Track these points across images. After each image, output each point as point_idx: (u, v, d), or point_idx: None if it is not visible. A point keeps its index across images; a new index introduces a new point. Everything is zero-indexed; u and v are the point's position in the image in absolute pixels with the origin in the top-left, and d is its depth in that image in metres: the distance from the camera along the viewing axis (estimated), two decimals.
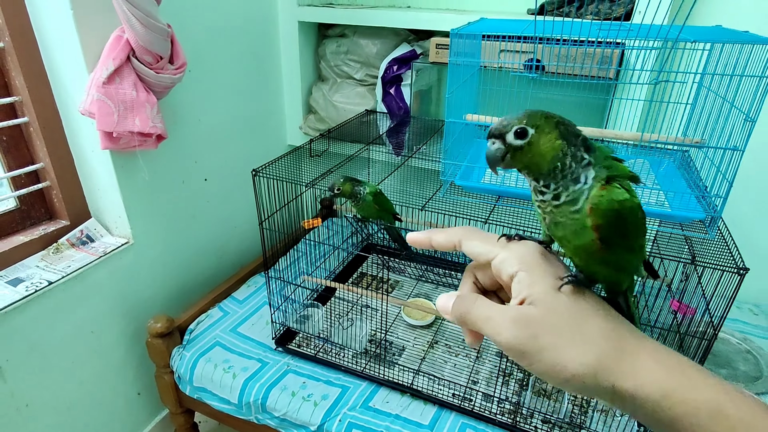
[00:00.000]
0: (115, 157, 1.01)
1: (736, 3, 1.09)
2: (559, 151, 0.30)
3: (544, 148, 0.30)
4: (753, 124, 0.60)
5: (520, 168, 0.32)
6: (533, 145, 0.30)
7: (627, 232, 0.31)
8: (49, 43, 0.93)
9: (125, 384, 1.18)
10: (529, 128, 0.30)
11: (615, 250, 0.31)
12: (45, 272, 0.98)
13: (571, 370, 0.28)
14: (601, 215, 0.30)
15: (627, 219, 0.30)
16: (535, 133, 0.30)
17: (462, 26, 0.80)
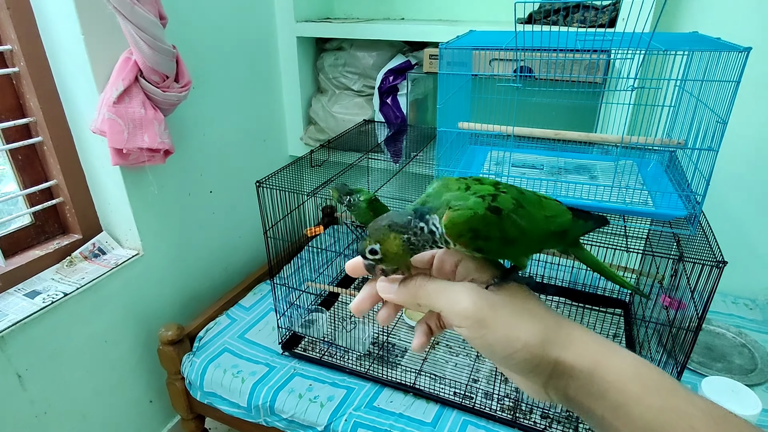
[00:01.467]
0: (125, 173, 1.06)
1: (711, 10, 1.13)
2: (402, 243, 0.34)
3: (394, 250, 0.34)
4: (725, 125, 0.64)
5: (395, 268, 0.35)
6: (387, 255, 0.34)
7: (490, 236, 0.34)
8: (61, 66, 0.98)
9: (138, 391, 1.22)
10: (375, 246, 0.34)
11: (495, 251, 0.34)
12: (60, 284, 1.02)
13: (523, 339, 0.31)
14: (455, 236, 0.33)
15: (479, 229, 0.33)
16: (383, 246, 0.34)
17: (450, 40, 0.84)
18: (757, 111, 1.18)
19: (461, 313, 0.31)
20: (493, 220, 0.33)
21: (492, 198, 0.34)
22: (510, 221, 0.34)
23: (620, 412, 0.29)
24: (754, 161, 1.23)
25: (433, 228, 0.34)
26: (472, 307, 0.31)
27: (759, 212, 1.27)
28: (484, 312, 0.31)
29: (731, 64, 0.63)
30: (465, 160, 1.01)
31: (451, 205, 0.34)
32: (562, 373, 0.31)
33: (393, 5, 1.50)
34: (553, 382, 0.31)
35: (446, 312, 0.32)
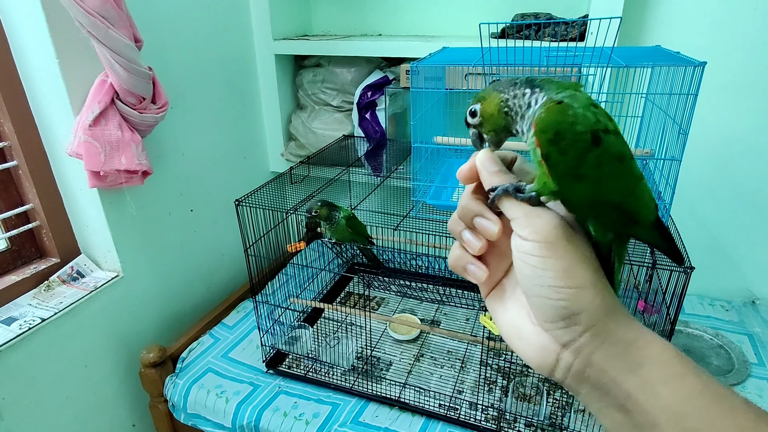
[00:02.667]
0: (102, 195, 1.05)
1: (674, 24, 1.17)
2: (500, 104, 0.33)
3: (490, 110, 0.33)
4: (686, 136, 0.66)
5: (496, 136, 0.34)
6: (485, 115, 0.34)
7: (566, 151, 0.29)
8: (35, 89, 0.98)
9: (120, 416, 1.20)
10: (476, 105, 0.34)
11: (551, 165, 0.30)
12: (38, 310, 1.01)
13: (581, 281, 0.29)
14: (540, 131, 0.30)
15: (565, 136, 0.29)
16: (481, 105, 0.34)
17: (422, 58, 0.86)
18: (722, 119, 1.22)
19: (537, 228, 0.30)
20: (584, 141, 0.29)
21: (604, 131, 0.29)
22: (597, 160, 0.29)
23: (652, 389, 0.27)
24: (722, 168, 1.27)
25: (532, 102, 0.32)
26: (551, 227, 0.30)
27: (729, 218, 1.31)
28: (559, 236, 0.29)
29: (689, 78, 0.66)
30: (443, 173, 1.03)
31: (564, 100, 0.30)
32: (599, 334, 0.29)
33: (370, 22, 1.53)
34: (583, 341, 0.29)
35: (522, 220, 0.30)
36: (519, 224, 0.31)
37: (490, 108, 0.34)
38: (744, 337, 1.23)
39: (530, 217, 0.30)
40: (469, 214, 0.33)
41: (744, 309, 1.33)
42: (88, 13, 0.81)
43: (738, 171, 1.26)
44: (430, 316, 1.32)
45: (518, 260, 0.31)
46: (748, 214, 1.29)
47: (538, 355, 0.31)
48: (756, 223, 1.29)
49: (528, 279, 0.30)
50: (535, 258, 0.30)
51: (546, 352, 0.31)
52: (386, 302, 1.39)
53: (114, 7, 0.84)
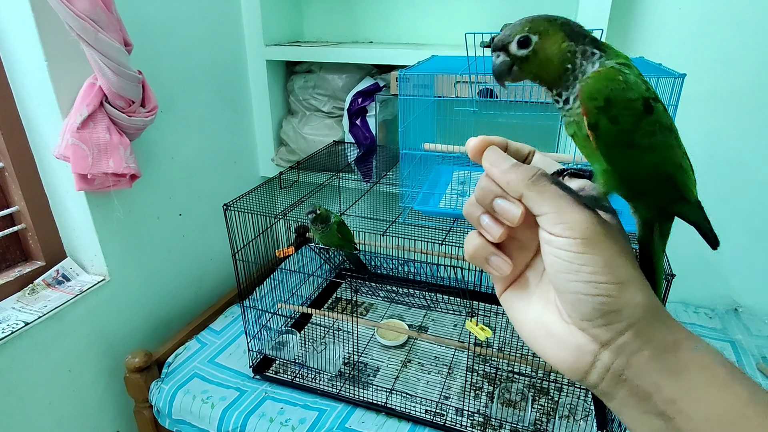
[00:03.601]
0: (90, 198, 1.05)
1: (657, 37, 1.20)
2: (567, 53, 0.28)
3: (550, 53, 0.28)
4: None
5: (530, 78, 0.30)
6: (539, 52, 0.29)
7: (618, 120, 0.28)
8: (23, 91, 0.97)
9: (104, 421, 1.19)
10: (532, 35, 0.28)
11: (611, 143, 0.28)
12: (21, 313, 1.00)
13: (622, 275, 0.27)
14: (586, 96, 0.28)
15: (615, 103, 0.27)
16: (539, 39, 0.28)
17: (410, 67, 0.88)
18: (704, 129, 1.25)
19: (572, 224, 0.27)
20: (637, 108, 0.27)
21: (654, 99, 0.28)
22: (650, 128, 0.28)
23: (699, 394, 0.25)
24: (704, 177, 1.29)
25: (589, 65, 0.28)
26: (587, 223, 0.27)
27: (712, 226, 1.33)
28: (597, 231, 0.27)
29: (669, 89, 0.67)
30: (431, 179, 1.03)
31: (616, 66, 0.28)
32: (642, 333, 0.27)
33: (362, 29, 1.54)
34: (625, 339, 0.27)
35: (551, 216, 0.28)
36: (549, 220, 0.28)
37: (553, 50, 0.28)
38: (726, 344, 1.24)
39: (562, 213, 0.28)
40: (490, 195, 0.30)
41: (727, 316, 1.35)
42: (77, 16, 0.81)
43: (720, 180, 1.28)
44: (418, 322, 1.32)
45: (550, 255, 0.28)
46: (730, 223, 1.31)
47: (570, 355, 0.28)
48: (739, 232, 1.32)
49: (562, 275, 0.28)
50: (571, 254, 0.27)
51: (581, 353, 0.28)
52: (374, 308, 1.39)
53: (104, 10, 0.84)
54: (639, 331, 0.27)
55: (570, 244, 0.27)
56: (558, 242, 0.28)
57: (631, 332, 0.27)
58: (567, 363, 0.29)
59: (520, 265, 0.32)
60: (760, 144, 1.22)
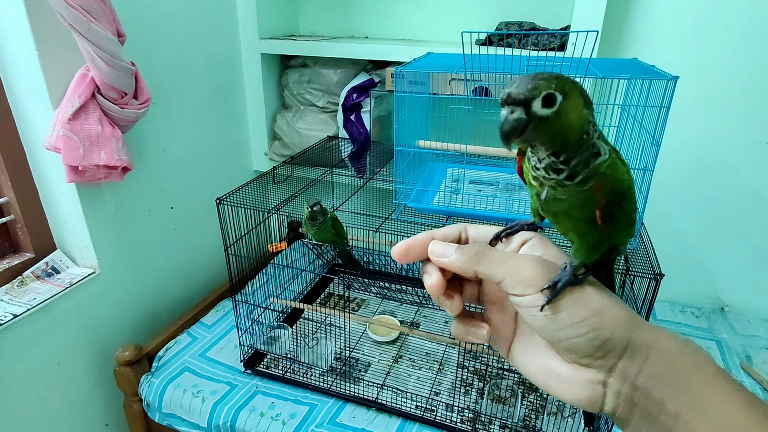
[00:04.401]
0: (81, 190, 1.04)
1: (651, 38, 1.21)
2: (586, 120, 0.27)
3: (573, 117, 0.27)
4: (658, 147, 0.69)
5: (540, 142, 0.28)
6: (561, 115, 0.27)
7: (624, 208, 0.30)
8: (13, 81, 0.96)
9: (93, 415, 1.18)
10: (558, 93, 0.26)
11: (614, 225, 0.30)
12: (9, 305, 0.99)
13: (596, 306, 0.28)
14: (606, 193, 0.29)
15: (625, 195, 0.30)
16: (564, 100, 0.26)
17: (405, 64, 0.87)
18: (695, 131, 1.26)
19: (526, 281, 0.28)
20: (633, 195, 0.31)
21: None
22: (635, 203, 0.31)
23: (702, 408, 0.25)
24: (694, 179, 1.31)
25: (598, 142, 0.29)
26: (538, 274, 0.28)
27: (700, 227, 1.35)
28: (549, 277, 0.28)
29: (662, 91, 0.68)
30: (425, 176, 1.04)
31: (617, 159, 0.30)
32: (638, 351, 0.27)
33: (357, 24, 1.54)
34: (624, 365, 0.27)
35: (508, 280, 0.29)
36: (508, 284, 0.29)
37: (575, 115, 0.27)
38: (712, 342, 1.27)
39: (515, 274, 0.29)
40: None
41: (713, 316, 1.37)
42: (70, 5, 0.80)
43: (709, 182, 1.30)
44: (410, 318, 1.33)
45: (527, 315, 0.29)
46: (718, 223, 1.33)
47: (584, 390, 0.29)
48: (726, 233, 1.34)
49: (545, 328, 0.29)
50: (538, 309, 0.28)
51: (592, 386, 0.28)
52: (366, 303, 1.40)
53: (97, 0, 0.83)
54: (634, 350, 0.27)
55: (536, 299, 0.28)
56: (526, 301, 0.29)
57: (627, 354, 0.27)
58: (583, 399, 0.29)
59: (510, 324, 0.34)
60: (749, 146, 1.24)
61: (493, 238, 0.34)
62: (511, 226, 0.34)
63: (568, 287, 0.28)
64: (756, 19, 1.13)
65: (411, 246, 0.32)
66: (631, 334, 0.27)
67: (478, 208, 0.87)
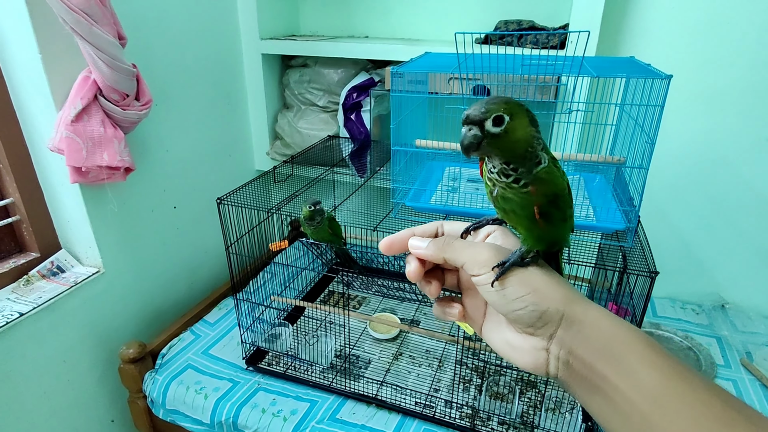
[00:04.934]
0: (84, 190, 1.05)
1: (649, 37, 1.21)
2: (531, 137, 0.33)
3: (519, 134, 0.33)
4: (653, 146, 0.69)
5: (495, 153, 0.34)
6: (509, 132, 0.33)
7: (559, 207, 0.36)
8: (17, 84, 0.98)
9: (98, 411, 1.20)
10: (506, 115, 0.32)
11: (551, 221, 0.36)
12: (16, 304, 1.00)
13: (536, 284, 0.34)
14: (543, 194, 0.35)
15: (559, 195, 0.35)
16: (511, 120, 0.32)
17: (402, 64, 0.88)
18: (694, 129, 1.26)
19: (481, 263, 0.34)
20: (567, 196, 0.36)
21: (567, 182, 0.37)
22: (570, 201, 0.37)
23: (625, 369, 0.30)
24: (693, 177, 1.31)
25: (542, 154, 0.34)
26: (492, 256, 0.35)
27: (701, 224, 1.36)
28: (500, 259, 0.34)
29: (656, 90, 0.68)
30: (423, 175, 1.04)
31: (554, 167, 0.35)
32: (572, 323, 0.32)
33: (358, 23, 1.54)
34: (561, 334, 0.33)
35: (468, 263, 0.35)
36: (469, 267, 0.35)
37: (521, 132, 0.33)
38: (712, 339, 1.27)
39: (474, 258, 0.35)
40: None
41: (714, 312, 1.37)
42: (71, 9, 0.81)
43: (710, 179, 1.30)
44: (410, 316, 1.34)
45: (484, 292, 0.35)
46: (719, 221, 1.33)
47: (530, 355, 0.34)
48: (726, 230, 1.34)
49: (498, 303, 0.35)
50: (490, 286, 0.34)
51: (536, 352, 0.34)
52: (367, 301, 1.41)
53: (98, 4, 0.85)
54: (569, 322, 0.33)
55: (489, 277, 0.34)
56: (482, 279, 0.35)
57: (563, 324, 0.33)
58: (531, 363, 0.35)
59: (481, 307, 0.40)
60: (748, 143, 1.23)
61: (464, 232, 0.40)
62: (478, 221, 0.40)
63: (515, 268, 0.34)
64: (756, 16, 1.12)
65: (393, 241, 0.39)
66: (565, 308, 0.33)
67: (476, 207, 0.87)
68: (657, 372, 0.30)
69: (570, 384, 0.33)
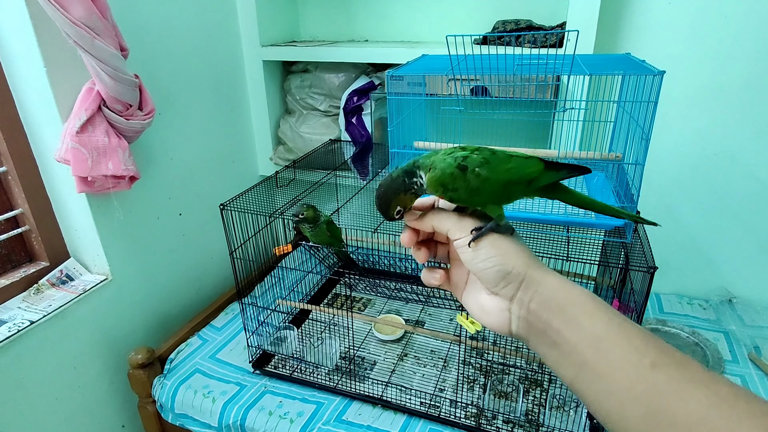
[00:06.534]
0: (90, 199, 1.07)
1: (647, 33, 1.21)
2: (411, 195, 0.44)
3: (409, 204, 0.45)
4: (647, 142, 0.69)
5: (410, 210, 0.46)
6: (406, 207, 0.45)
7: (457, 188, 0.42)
8: (24, 97, 1.00)
9: (109, 417, 1.22)
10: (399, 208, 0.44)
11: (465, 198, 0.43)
12: (27, 312, 1.03)
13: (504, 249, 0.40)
14: (433, 190, 0.43)
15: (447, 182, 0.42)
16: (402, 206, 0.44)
17: (398, 68, 0.89)
18: (696, 123, 1.26)
19: (462, 228, 0.42)
20: (458, 176, 0.42)
21: (463, 159, 0.43)
22: (474, 174, 0.43)
23: (574, 324, 0.36)
24: (698, 171, 1.30)
25: (420, 181, 0.44)
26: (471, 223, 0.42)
27: (706, 218, 1.35)
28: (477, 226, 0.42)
29: (649, 86, 0.69)
30: None
31: (432, 165, 0.43)
32: (530, 284, 0.39)
33: (357, 27, 1.56)
34: (521, 294, 0.39)
35: (452, 229, 0.42)
36: (453, 232, 0.42)
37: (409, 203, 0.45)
38: (720, 334, 1.26)
39: (457, 224, 0.43)
40: None
41: (721, 307, 1.36)
42: (74, 23, 0.83)
43: (713, 174, 1.29)
44: (415, 317, 1.35)
45: (462, 253, 0.42)
46: (724, 214, 1.33)
47: (497, 315, 0.41)
48: (732, 224, 1.33)
49: (471, 261, 0.41)
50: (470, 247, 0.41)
51: (501, 312, 0.41)
52: (372, 303, 1.42)
53: (99, 17, 0.87)
54: (528, 283, 0.39)
55: (467, 239, 0.41)
56: (461, 242, 0.42)
57: (523, 286, 0.39)
58: (497, 322, 0.41)
59: (463, 276, 0.46)
60: (751, 136, 1.23)
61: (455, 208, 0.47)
62: None
63: (490, 233, 0.41)
64: (754, 9, 1.12)
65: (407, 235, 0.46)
66: (527, 270, 0.39)
67: None
68: (599, 324, 0.36)
69: (530, 339, 0.39)
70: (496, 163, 0.44)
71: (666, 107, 1.25)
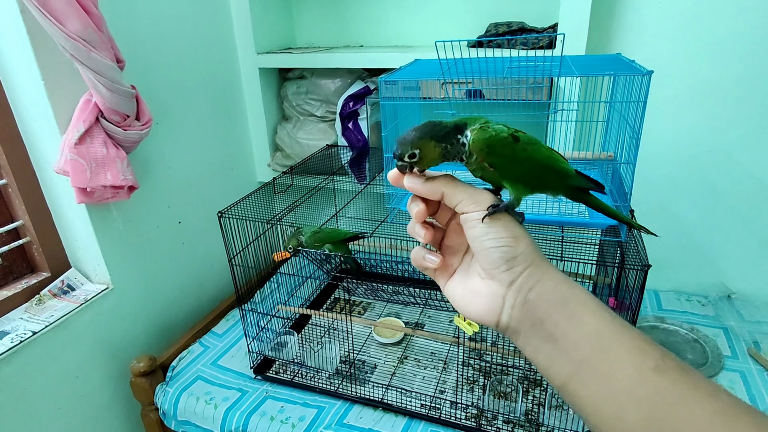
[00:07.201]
0: (90, 210, 1.08)
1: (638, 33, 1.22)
2: (439, 149, 0.42)
3: (431, 156, 0.42)
4: (638, 141, 0.70)
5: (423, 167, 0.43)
6: (425, 158, 0.42)
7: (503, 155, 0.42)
8: (22, 109, 1.01)
9: (112, 425, 1.23)
10: (416, 151, 0.41)
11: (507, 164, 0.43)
12: (29, 323, 1.04)
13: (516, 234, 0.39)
14: (477, 149, 0.42)
15: (496, 146, 0.42)
16: (422, 151, 0.41)
17: (390, 73, 0.90)
18: (691, 121, 1.26)
19: (478, 202, 0.39)
20: (509, 142, 0.43)
21: (515, 130, 0.44)
22: (522, 148, 0.43)
23: (576, 319, 0.35)
24: (693, 168, 1.31)
25: (464, 141, 0.42)
26: (489, 198, 0.40)
27: (703, 215, 1.35)
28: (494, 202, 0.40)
29: (638, 86, 0.69)
30: None
31: (482, 125, 0.42)
32: (534, 273, 0.38)
33: (352, 33, 1.57)
34: (522, 280, 0.38)
35: (466, 199, 0.40)
36: (465, 204, 0.40)
37: (432, 154, 0.42)
38: (719, 330, 1.26)
39: (472, 196, 0.40)
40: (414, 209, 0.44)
41: (720, 303, 1.37)
42: (70, 37, 0.85)
43: (709, 170, 1.30)
44: (415, 319, 1.35)
45: (470, 228, 0.40)
46: (720, 210, 1.33)
47: (488, 301, 0.39)
48: (729, 219, 1.33)
49: (479, 238, 0.39)
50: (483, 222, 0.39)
51: (494, 297, 0.39)
52: (372, 306, 1.42)
53: (95, 30, 0.88)
54: (533, 272, 0.38)
55: (481, 214, 0.39)
56: (473, 216, 0.39)
57: (527, 272, 0.38)
58: (487, 308, 0.39)
59: (455, 264, 0.44)
60: (745, 132, 1.23)
61: None
62: None
63: (504, 212, 0.40)
64: (745, 6, 1.13)
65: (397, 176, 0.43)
66: (534, 258, 0.38)
67: None
68: (602, 322, 0.35)
69: (522, 331, 0.38)
70: (541, 147, 0.45)
71: (660, 105, 1.26)
